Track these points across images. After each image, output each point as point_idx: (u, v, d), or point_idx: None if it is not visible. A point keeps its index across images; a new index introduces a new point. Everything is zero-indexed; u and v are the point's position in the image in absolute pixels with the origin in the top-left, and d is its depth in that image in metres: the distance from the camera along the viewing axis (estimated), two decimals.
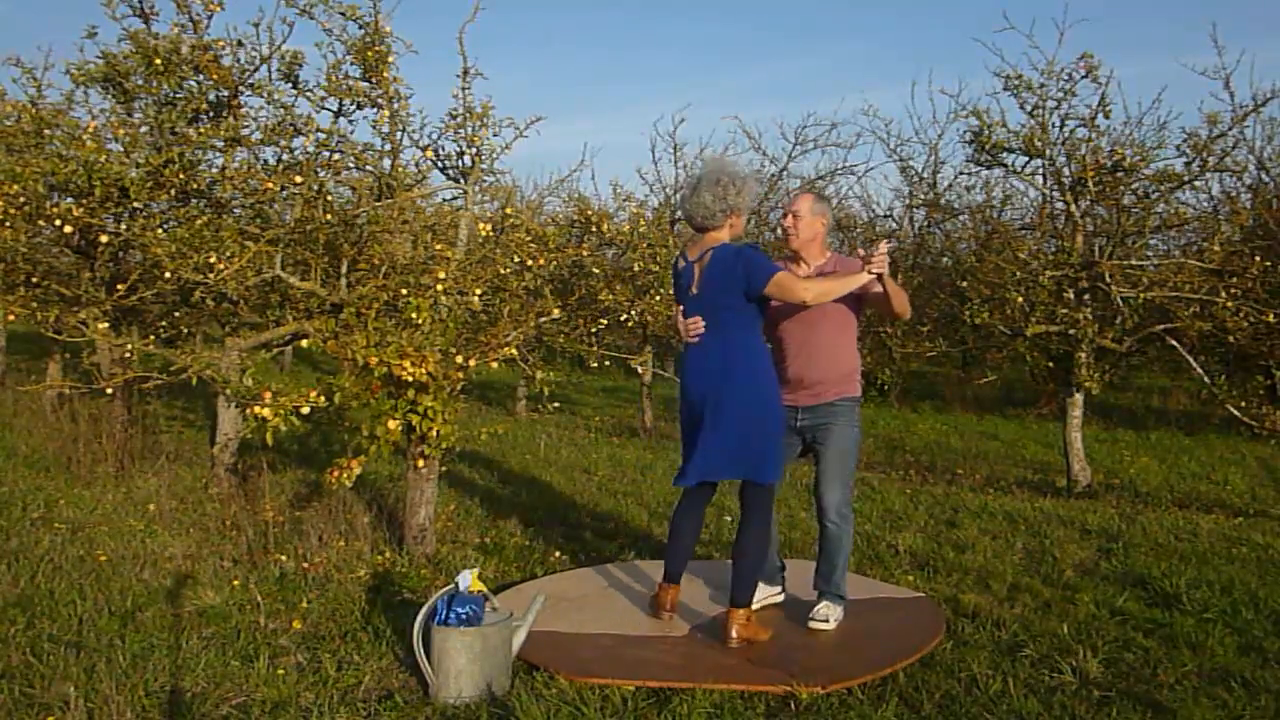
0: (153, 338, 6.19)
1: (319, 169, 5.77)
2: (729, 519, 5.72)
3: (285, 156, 5.99)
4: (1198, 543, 5.35)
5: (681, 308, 3.91)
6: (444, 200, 6.08)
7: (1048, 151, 7.04)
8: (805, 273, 4.04)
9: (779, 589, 4.30)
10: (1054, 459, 8.38)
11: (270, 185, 5.68)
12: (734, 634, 3.74)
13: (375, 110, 5.54)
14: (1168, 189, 7.17)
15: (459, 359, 4.62)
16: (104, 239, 6.04)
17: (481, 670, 3.25)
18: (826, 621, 3.92)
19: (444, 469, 5.24)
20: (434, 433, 4.56)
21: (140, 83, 6.00)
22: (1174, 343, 7.27)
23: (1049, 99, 6.90)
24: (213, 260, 4.92)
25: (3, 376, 12.05)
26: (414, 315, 4.58)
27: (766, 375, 3.82)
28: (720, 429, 3.74)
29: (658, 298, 8.93)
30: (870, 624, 3.98)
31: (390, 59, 5.31)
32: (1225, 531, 5.66)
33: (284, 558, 4.75)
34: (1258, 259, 7.24)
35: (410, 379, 4.27)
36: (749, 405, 3.74)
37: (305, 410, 4.28)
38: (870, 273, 3.80)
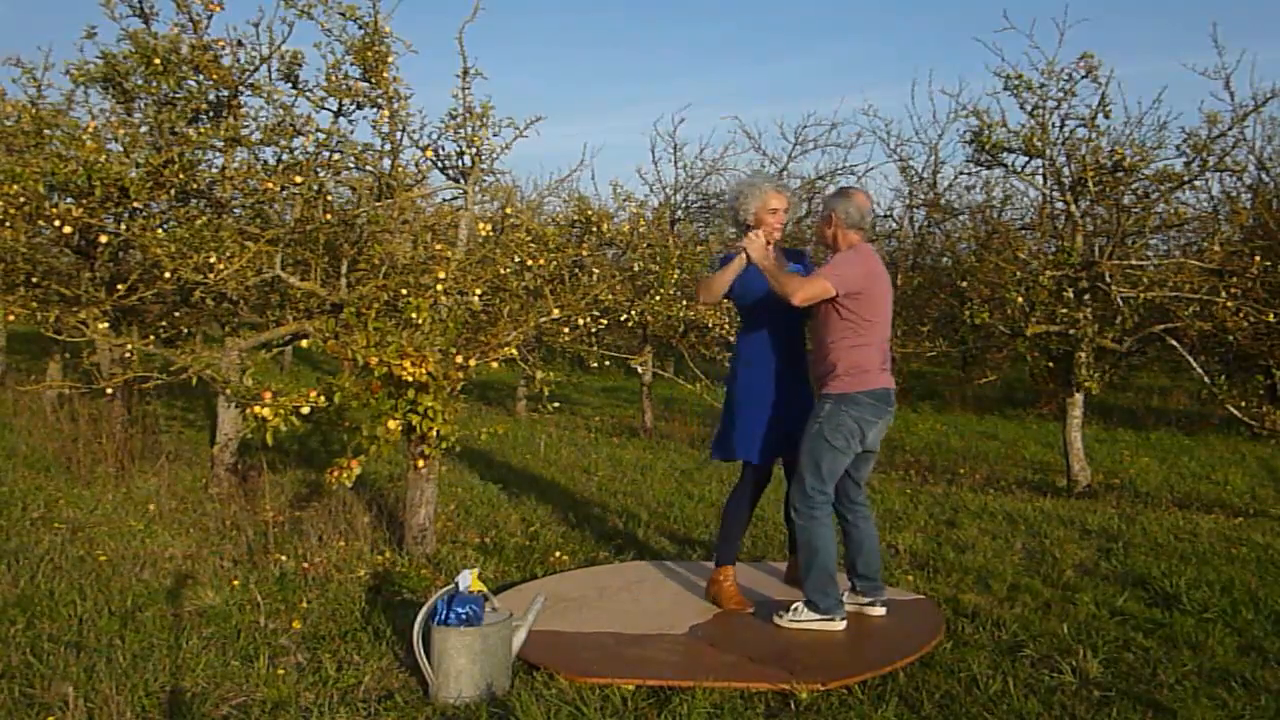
0: (153, 338, 6.19)
1: (319, 169, 5.77)
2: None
3: (285, 156, 5.99)
4: (1198, 543, 5.35)
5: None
6: (444, 200, 6.08)
7: (1048, 151, 7.04)
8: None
9: (870, 600, 4.06)
10: (1054, 459, 8.38)
11: (270, 185, 5.69)
12: (707, 587, 4.29)
13: (375, 110, 5.55)
14: (1168, 189, 7.17)
15: (459, 359, 4.62)
16: (104, 239, 6.04)
17: (481, 670, 3.25)
18: (780, 618, 3.93)
19: (444, 468, 5.23)
20: (434, 433, 4.56)
21: (140, 83, 6.00)
22: (1174, 343, 7.26)
23: (1049, 99, 6.91)
24: (213, 260, 4.93)
25: (3, 376, 12.05)
26: (414, 315, 4.58)
27: (745, 363, 4.17)
28: None
29: (657, 298, 8.93)
30: (870, 624, 3.99)
31: (390, 59, 5.32)
32: (1225, 531, 5.66)
33: (284, 558, 4.75)
34: (1258, 259, 7.24)
35: (410, 379, 4.27)
36: (729, 390, 4.26)
37: (305, 410, 4.28)
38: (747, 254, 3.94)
